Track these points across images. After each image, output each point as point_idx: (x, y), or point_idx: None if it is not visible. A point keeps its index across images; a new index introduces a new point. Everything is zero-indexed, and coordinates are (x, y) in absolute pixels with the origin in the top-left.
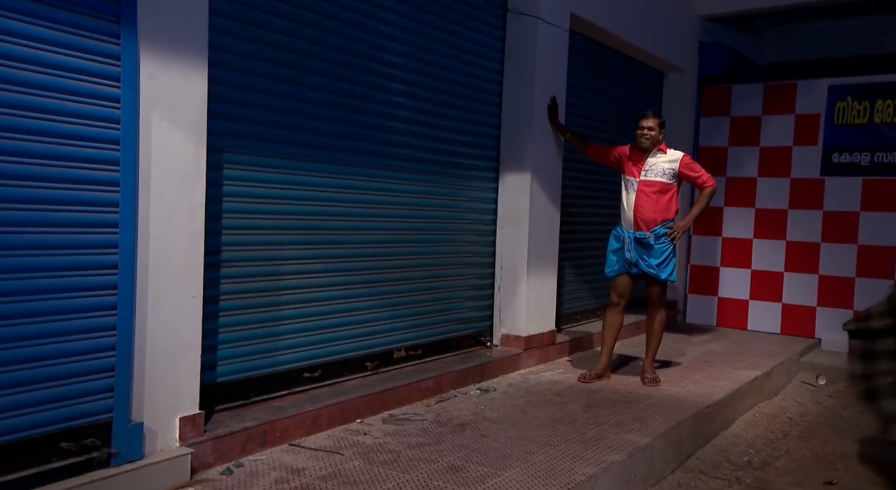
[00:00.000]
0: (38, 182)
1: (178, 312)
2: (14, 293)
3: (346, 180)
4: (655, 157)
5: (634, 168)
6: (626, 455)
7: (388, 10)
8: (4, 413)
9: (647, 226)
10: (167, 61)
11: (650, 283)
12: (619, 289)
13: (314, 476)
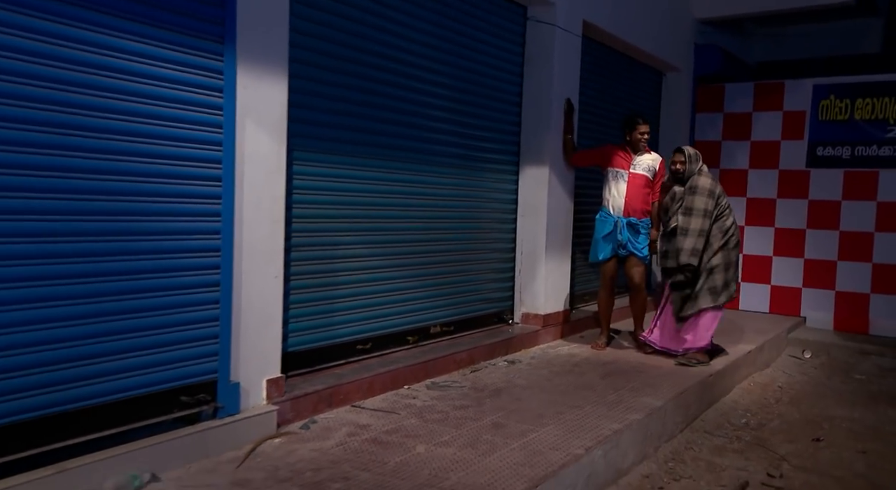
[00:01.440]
0: (158, 178)
1: (264, 290)
2: (142, 272)
3: (389, 174)
4: (641, 155)
5: (623, 162)
6: (644, 415)
7: (424, 21)
8: (139, 370)
9: (636, 213)
10: (257, 74)
11: (633, 264)
12: (610, 271)
13: (379, 431)
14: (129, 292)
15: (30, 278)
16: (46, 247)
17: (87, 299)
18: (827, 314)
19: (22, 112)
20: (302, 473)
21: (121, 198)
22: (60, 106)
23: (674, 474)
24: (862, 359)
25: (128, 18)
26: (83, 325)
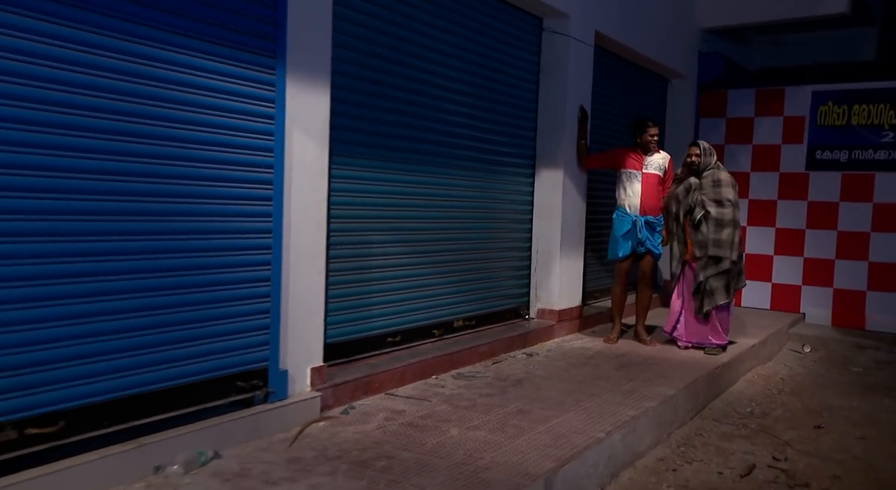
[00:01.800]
0: (217, 182)
1: (309, 285)
2: (202, 268)
3: (415, 177)
4: (652, 155)
5: (636, 163)
6: (658, 402)
7: (449, 33)
8: (202, 358)
9: (651, 211)
10: (303, 85)
11: (647, 260)
12: (626, 268)
13: (414, 415)
14: (192, 286)
15: (115, 272)
16: (130, 244)
17: (158, 292)
18: (825, 311)
19: (109, 124)
20: (349, 453)
21: (185, 200)
22: (140, 118)
23: (686, 457)
24: (859, 353)
25: (197, 38)
26: (154, 316)
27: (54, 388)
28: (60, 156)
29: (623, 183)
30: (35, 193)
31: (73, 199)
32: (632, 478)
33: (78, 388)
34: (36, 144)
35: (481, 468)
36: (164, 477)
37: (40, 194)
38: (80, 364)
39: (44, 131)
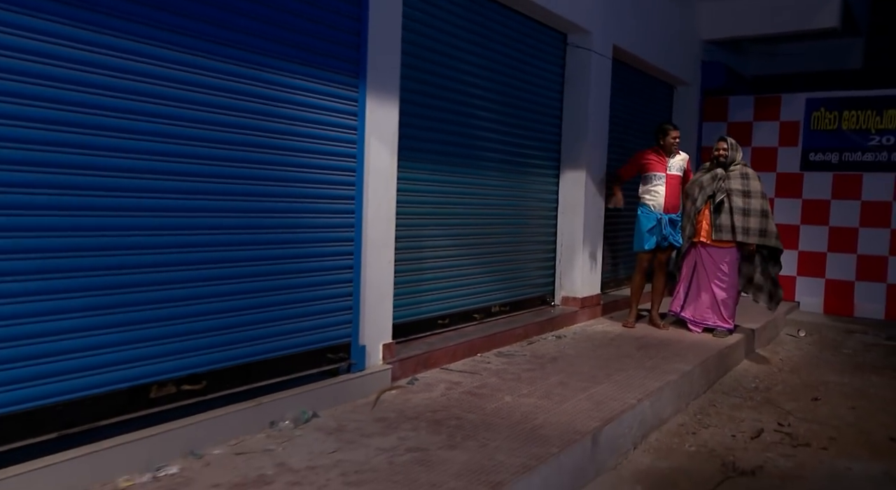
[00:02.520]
0: (311, 184)
1: (381, 273)
2: (302, 257)
3: (458, 178)
4: (673, 157)
5: (660, 166)
6: (678, 376)
7: (487, 49)
8: (301, 333)
9: (674, 209)
10: (379, 101)
11: (664, 252)
12: (648, 258)
13: (470, 386)
14: (294, 273)
15: (239, 260)
16: (248, 237)
17: (269, 277)
18: (818, 299)
19: (234, 137)
20: (423, 414)
21: (287, 199)
22: (254, 130)
23: (702, 423)
24: (848, 336)
25: (301, 64)
26: (266, 297)
27: (200, 353)
28: (204, 164)
29: (648, 183)
30: (187, 195)
31: (211, 200)
32: (658, 439)
33: (215, 355)
34: (190, 156)
35: (537, 426)
36: (279, 430)
37: (191, 196)
38: (218, 335)
39: (195, 146)
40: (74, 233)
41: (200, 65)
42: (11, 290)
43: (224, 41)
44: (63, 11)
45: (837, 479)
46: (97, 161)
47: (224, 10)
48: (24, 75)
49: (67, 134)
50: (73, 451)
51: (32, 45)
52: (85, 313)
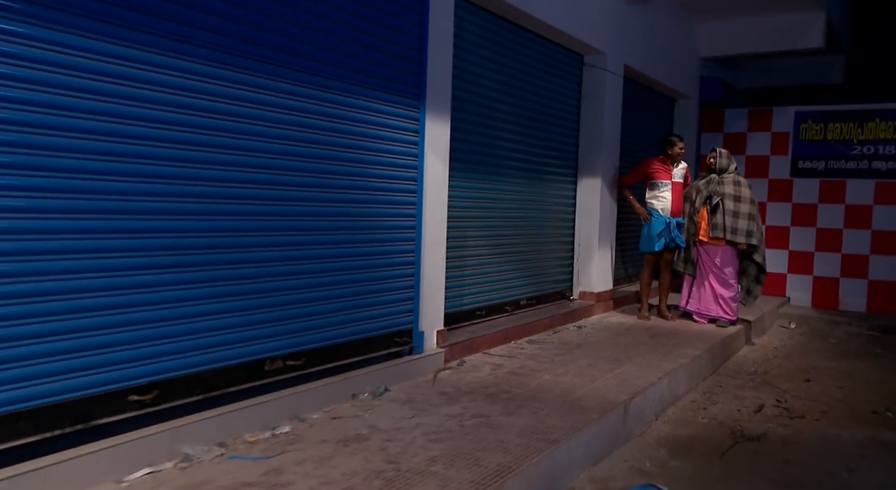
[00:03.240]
0: (385, 191)
1: (436, 268)
2: (375, 254)
3: (491, 185)
4: (676, 166)
5: (666, 174)
6: (689, 360)
7: (516, 70)
8: (373, 319)
9: (678, 213)
10: (435, 120)
11: (670, 252)
12: (655, 258)
13: (512, 367)
14: (369, 268)
15: (320, 258)
16: (333, 237)
17: (348, 272)
18: (806, 294)
19: (323, 152)
20: (477, 389)
21: (367, 205)
22: (335, 146)
23: (711, 400)
24: (834, 327)
25: (378, 89)
26: (347, 288)
27: (300, 335)
28: (300, 176)
29: (655, 190)
30: (297, 203)
31: (309, 207)
32: (674, 412)
33: (311, 336)
34: (308, 170)
35: (577, 398)
36: (360, 401)
37: (299, 203)
38: (314, 320)
39: (286, 161)
40: (216, 235)
41: (307, 94)
42: (164, 279)
43: (324, 74)
44: (204, 54)
45: (829, 443)
46: (257, 177)
47: (325, 50)
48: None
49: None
50: (213, 410)
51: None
52: (218, 300)
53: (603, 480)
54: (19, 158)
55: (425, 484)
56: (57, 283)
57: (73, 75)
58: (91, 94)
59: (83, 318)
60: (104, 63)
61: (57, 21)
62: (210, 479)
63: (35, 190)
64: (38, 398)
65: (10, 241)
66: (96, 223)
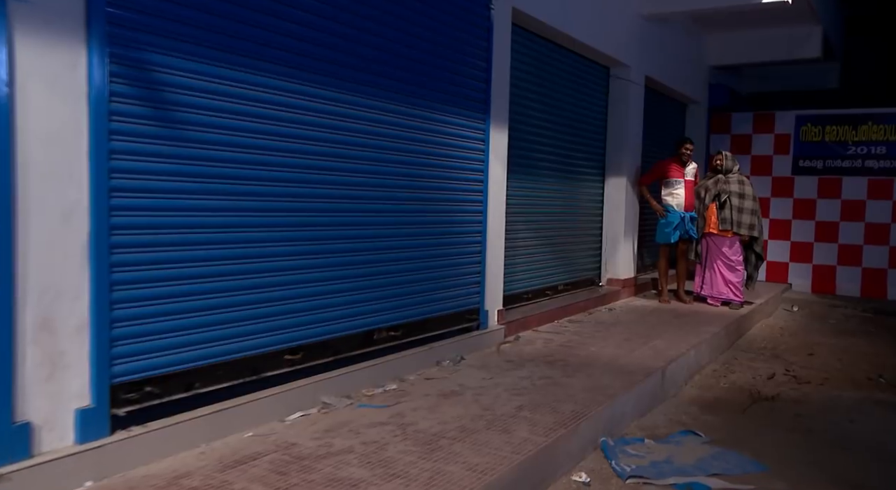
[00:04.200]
0: (457, 191)
1: (497, 256)
2: (454, 244)
3: (532, 183)
4: (687, 165)
5: (679, 173)
6: (709, 336)
7: (546, 81)
8: (452, 299)
9: (690, 208)
10: (497, 130)
11: (684, 243)
12: (670, 249)
13: (561, 341)
14: (449, 255)
15: (412, 247)
16: (421, 230)
17: (433, 259)
18: (806, 281)
19: (405, 158)
20: (536, 358)
21: (448, 203)
22: (427, 155)
23: (730, 370)
24: (832, 310)
25: (453, 105)
26: (432, 272)
27: (399, 311)
28: (398, 179)
29: (670, 188)
30: (393, 201)
31: (405, 205)
32: (700, 379)
33: (407, 312)
34: (386, 173)
35: (621, 365)
36: (443, 367)
37: (398, 202)
38: (409, 298)
39: (386, 167)
40: (345, 231)
41: (406, 112)
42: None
43: (419, 95)
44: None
45: (832, 401)
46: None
47: (423, 76)
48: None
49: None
50: (340, 370)
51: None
52: (344, 281)
53: (649, 428)
54: (227, 186)
55: (519, 424)
56: (240, 265)
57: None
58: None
59: (257, 293)
60: (265, 93)
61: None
62: (350, 420)
63: (238, 210)
64: (228, 354)
65: (212, 233)
66: (271, 234)
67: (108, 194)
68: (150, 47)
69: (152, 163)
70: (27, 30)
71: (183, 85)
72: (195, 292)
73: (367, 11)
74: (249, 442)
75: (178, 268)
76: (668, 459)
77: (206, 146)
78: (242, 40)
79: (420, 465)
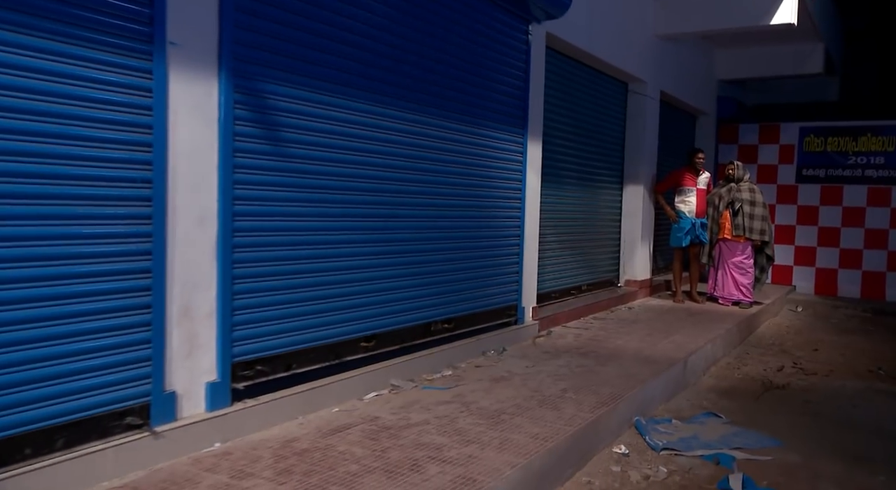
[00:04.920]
0: (500, 200)
1: (532, 258)
2: (496, 247)
3: (556, 191)
4: (700, 174)
5: (691, 181)
6: (724, 331)
7: (572, 97)
8: (491, 297)
9: (702, 214)
10: (532, 143)
11: (696, 247)
12: (682, 251)
13: (589, 335)
14: (493, 256)
15: (464, 248)
16: (470, 234)
17: (481, 259)
18: (810, 283)
19: (458, 170)
20: (569, 350)
21: (493, 210)
22: (470, 166)
23: (742, 363)
24: (834, 311)
25: (495, 122)
26: (479, 272)
27: (452, 306)
28: (451, 188)
29: (683, 195)
30: (447, 208)
31: (458, 211)
32: (715, 371)
33: (458, 307)
34: (442, 183)
35: (647, 356)
36: (489, 356)
37: (451, 208)
38: (460, 295)
39: (443, 177)
40: (414, 234)
41: (460, 129)
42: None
43: (471, 114)
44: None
45: (837, 390)
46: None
47: (474, 97)
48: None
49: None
50: (405, 356)
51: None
52: (408, 278)
53: (675, 411)
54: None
55: (565, 403)
56: (328, 264)
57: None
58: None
59: (341, 288)
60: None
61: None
62: (418, 399)
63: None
64: (318, 340)
65: (308, 236)
66: (353, 237)
67: (232, 202)
68: (263, 78)
69: (265, 176)
70: (177, 66)
71: (288, 109)
72: (294, 286)
73: (436, 54)
74: (338, 415)
75: (282, 265)
76: (695, 436)
77: (304, 161)
78: (336, 71)
79: (489, 433)
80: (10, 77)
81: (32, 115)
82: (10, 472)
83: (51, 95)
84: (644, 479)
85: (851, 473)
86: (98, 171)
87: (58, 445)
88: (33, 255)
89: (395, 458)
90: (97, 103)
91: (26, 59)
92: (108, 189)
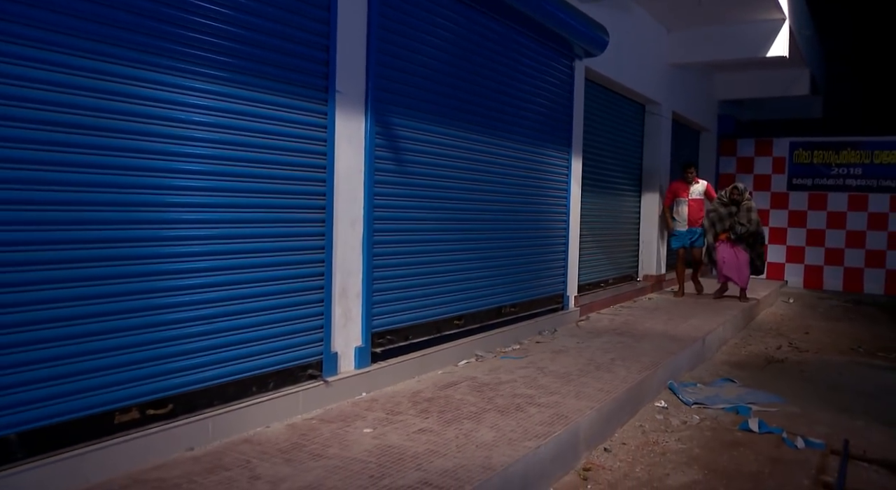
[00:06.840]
0: (551, 206)
1: (574, 254)
2: (549, 245)
3: (590, 198)
4: (693, 185)
5: (684, 192)
6: (730, 318)
7: (602, 118)
8: (545, 286)
9: (695, 223)
10: (575, 157)
11: (695, 250)
12: (683, 252)
13: (621, 320)
14: (545, 253)
15: (522, 246)
16: (529, 235)
17: (539, 255)
18: (799, 278)
19: (516, 181)
20: (608, 331)
21: (545, 214)
22: (529, 187)
23: (747, 343)
24: (821, 302)
25: (551, 142)
26: (537, 265)
27: (516, 293)
28: (511, 197)
29: (677, 205)
30: (510, 214)
31: (519, 216)
32: (726, 349)
33: (519, 295)
34: (502, 193)
35: (673, 335)
36: (544, 336)
37: (513, 214)
38: (521, 284)
39: (501, 187)
40: (486, 232)
41: (520, 148)
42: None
43: (530, 136)
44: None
45: (825, 363)
46: (452, 194)
47: (530, 121)
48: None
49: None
50: (483, 333)
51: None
52: (485, 270)
53: (698, 378)
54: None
55: (616, 367)
56: (432, 257)
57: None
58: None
59: (440, 277)
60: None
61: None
62: (500, 365)
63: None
64: (425, 318)
65: (421, 235)
66: (450, 236)
67: (372, 210)
68: (391, 114)
69: (393, 189)
70: (341, 108)
71: (406, 137)
72: (411, 275)
73: (507, 90)
74: (443, 376)
75: (403, 258)
76: (717, 395)
77: (417, 177)
78: (437, 106)
79: (565, 388)
80: (243, 121)
81: (262, 148)
82: (246, 403)
83: (270, 135)
84: (682, 424)
85: (838, 420)
86: (296, 187)
87: (270, 387)
88: (264, 248)
89: (501, 403)
90: (296, 139)
91: (262, 109)
92: (302, 200)
